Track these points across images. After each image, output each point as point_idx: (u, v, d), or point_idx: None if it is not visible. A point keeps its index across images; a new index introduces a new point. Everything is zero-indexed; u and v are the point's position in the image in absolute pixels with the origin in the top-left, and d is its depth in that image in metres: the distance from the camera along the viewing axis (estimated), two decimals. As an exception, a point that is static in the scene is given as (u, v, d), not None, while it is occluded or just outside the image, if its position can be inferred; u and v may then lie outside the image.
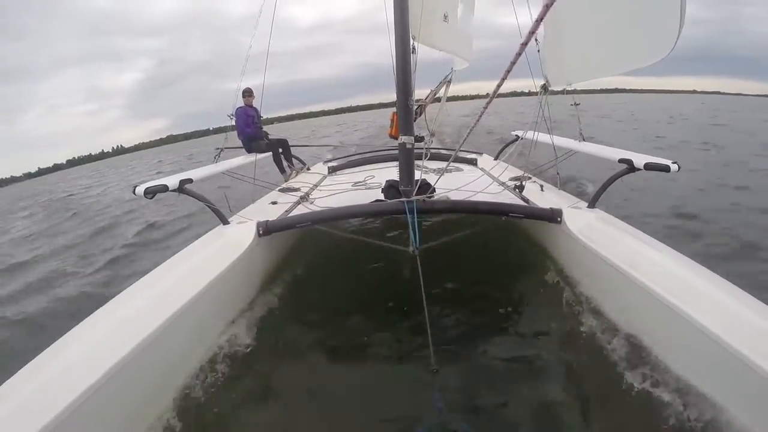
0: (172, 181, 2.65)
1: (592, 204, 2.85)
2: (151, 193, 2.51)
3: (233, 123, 4.86)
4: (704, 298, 1.71)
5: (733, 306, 1.65)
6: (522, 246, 3.26)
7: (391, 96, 2.92)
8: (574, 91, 2.98)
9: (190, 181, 2.77)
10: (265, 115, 5.34)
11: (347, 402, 1.96)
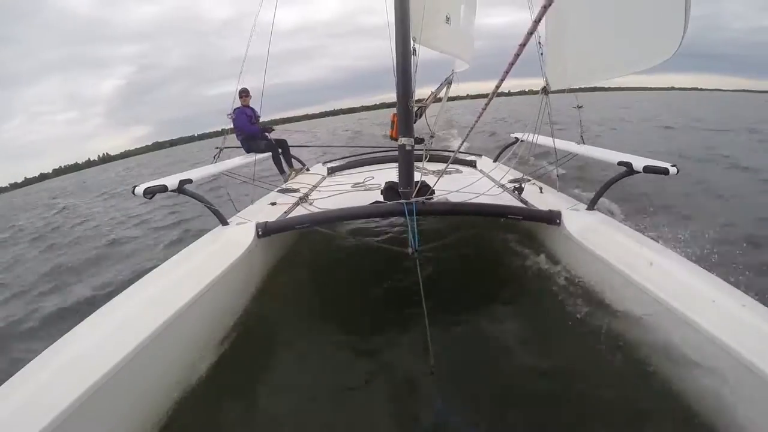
0: (171, 181, 2.65)
1: (591, 206, 2.86)
2: (150, 193, 2.50)
3: (231, 124, 4.87)
4: (703, 300, 1.71)
5: (732, 308, 1.65)
6: (521, 248, 3.26)
7: (375, 98, 2.94)
8: (562, 91, 2.97)
9: (189, 181, 2.76)
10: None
11: (346, 402, 1.95)
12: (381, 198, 2.85)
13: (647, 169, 2.41)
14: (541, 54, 2.88)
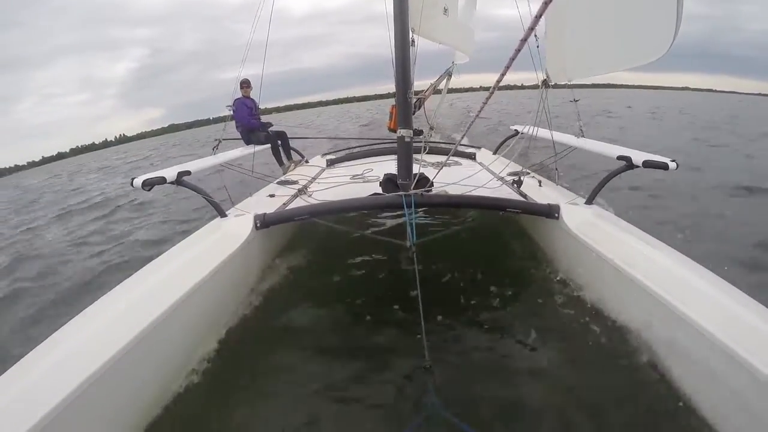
0: (170, 173, 2.64)
1: (589, 200, 2.85)
2: (148, 185, 2.50)
3: (231, 114, 4.85)
4: (700, 296, 1.71)
5: (729, 304, 1.65)
6: (519, 241, 3.26)
7: (388, 87, 2.90)
8: (566, 86, 2.94)
9: (188, 173, 2.76)
10: (261, 106, 5.32)
11: (341, 397, 1.97)
12: (380, 190, 2.84)
13: (647, 164, 2.40)
14: (538, 47, 2.85)
